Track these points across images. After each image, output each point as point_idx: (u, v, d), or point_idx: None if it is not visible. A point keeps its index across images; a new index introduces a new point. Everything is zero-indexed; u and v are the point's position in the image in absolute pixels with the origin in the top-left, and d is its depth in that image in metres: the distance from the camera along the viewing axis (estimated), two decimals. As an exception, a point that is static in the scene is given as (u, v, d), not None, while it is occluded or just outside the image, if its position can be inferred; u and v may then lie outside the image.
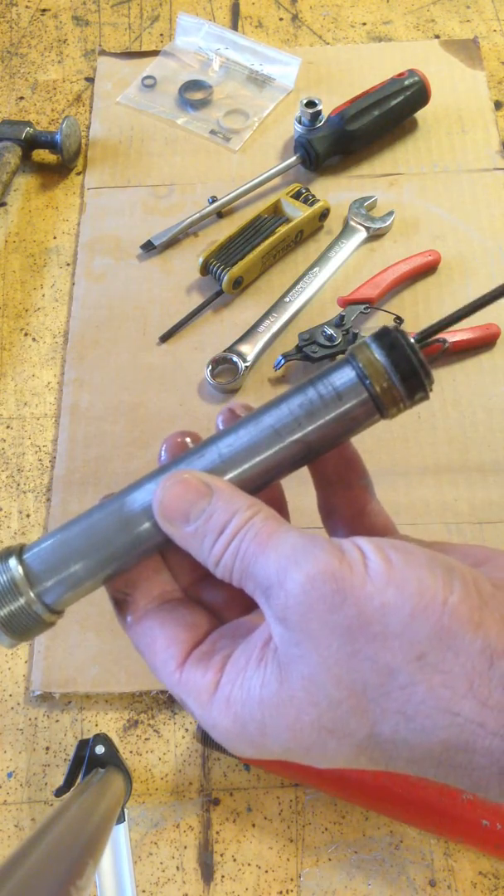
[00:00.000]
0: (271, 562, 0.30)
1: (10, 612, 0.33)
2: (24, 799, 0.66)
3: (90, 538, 0.34)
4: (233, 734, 0.32)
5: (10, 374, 0.85)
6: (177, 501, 0.33)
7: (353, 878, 0.62)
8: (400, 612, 0.28)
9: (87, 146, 1.00)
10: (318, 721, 0.30)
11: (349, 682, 0.29)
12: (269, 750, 0.31)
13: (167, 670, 0.34)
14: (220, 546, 0.32)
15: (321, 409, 0.33)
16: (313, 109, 0.93)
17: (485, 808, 0.59)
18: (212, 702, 0.32)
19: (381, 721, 0.29)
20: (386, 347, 0.33)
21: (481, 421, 0.79)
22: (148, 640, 0.35)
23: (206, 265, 0.87)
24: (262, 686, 0.31)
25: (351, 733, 0.30)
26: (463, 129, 0.98)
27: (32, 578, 0.33)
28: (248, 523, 0.32)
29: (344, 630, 0.29)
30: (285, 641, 0.30)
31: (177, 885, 0.63)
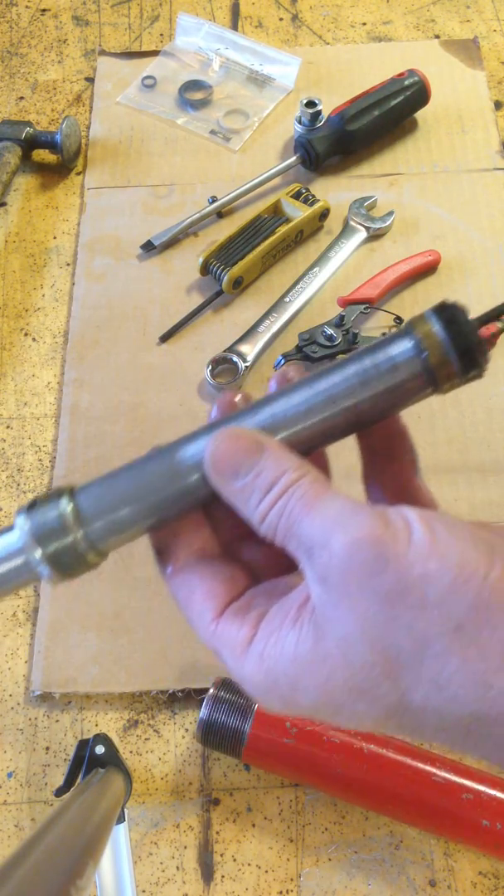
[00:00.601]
0: (317, 523, 0.31)
1: (58, 548, 0.34)
2: (24, 799, 0.66)
3: (139, 485, 0.35)
4: (263, 688, 0.32)
5: (10, 374, 0.85)
6: (228, 456, 0.33)
7: (353, 878, 0.62)
8: (440, 582, 0.29)
9: (87, 146, 1.00)
10: (351, 681, 0.30)
11: (384, 646, 0.29)
12: (299, 706, 0.32)
13: (203, 622, 0.35)
14: (267, 503, 0.32)
15: (376, 379, 0.34)
16: (313, 109, 0.93)
17: (485, 808, 0.59)
18: (245, 656, 0.33)
19: (413, 688, 0.29)
20: (446, 322, 0.33)
21: (481, 421, 0.79)
22: (186, 591, 0.36)
23: (206, 265, 0.87)
24: (296, 644, 0.31)
25: (382, 697, 0.30)
26: (463, 129, 0.98)
27: (82, 518, 0.34)
28: (297, 483, 0.32)
29: (383, 595, 0.29)
30: (324, 602, 0.30)
31: (177, 885, 0.63)
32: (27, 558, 0.34)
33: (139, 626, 0.71)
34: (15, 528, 0.34)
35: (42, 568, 0.34)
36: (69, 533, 0.34)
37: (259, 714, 0.61)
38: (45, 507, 0.34)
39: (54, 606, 0.72)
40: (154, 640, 0.70)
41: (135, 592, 0.72)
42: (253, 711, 0.62)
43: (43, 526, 0.34)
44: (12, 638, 0.72)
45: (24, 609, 0.73)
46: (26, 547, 0.34)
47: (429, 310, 0.34)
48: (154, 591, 0.72)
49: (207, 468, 0.34)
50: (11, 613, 0.73)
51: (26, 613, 0.73)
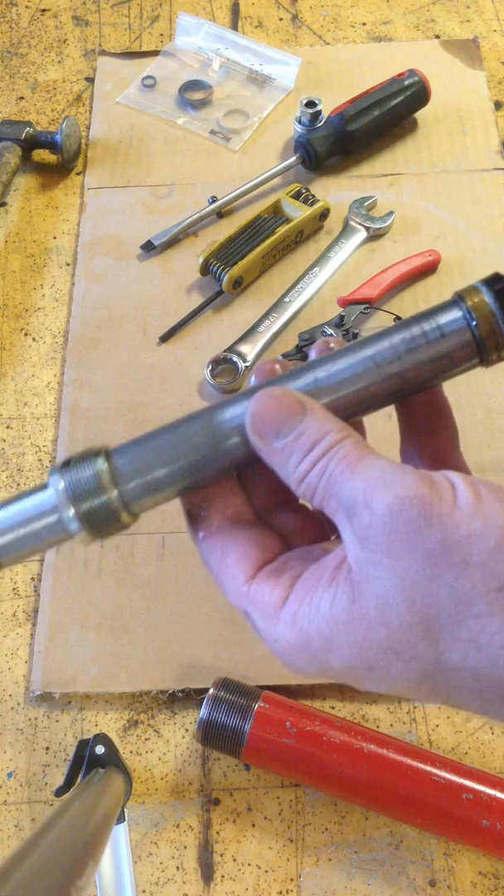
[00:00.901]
0: (359, 482, 0.31)
1: (92, 506, 0.34)
2: (24, 799, 0.66)
3: (177, 445, 0.35)
4: (295, 649, 0.32)
5: (10, 374, 0.85)
6: (269, 415, 0.33)
7: (353, 878, 0.62)
8: (485, 542, 0.29)
9: (87, 146, 1.00)
10: (387, 641, 0.30)
11: (423, 605, 0.29)
12: (331, 667, 0.32)
13: (236, 583, 0.34)
14: (307, 464, 0.32)
15: (423, 346, 0.34)
16: (313, 109, 0.93)
17: (485, 808, 0.59)
18: (278, 616, 0.32)
19: (451, 648, 0.29)
20: (497, 293, 0.33)
21: (481, 421, 0.79)
22: (219, 554, 0.35)
23: (206, 265, 0.87)
24: (332, 604, 0.31)
25: (418, 657, 0.30)
26: (463, 129, 0.98)
27: (117, 477, 0.34)
28: (339, 444, 0.32)
29: (425, 554, 0.29)
30: (363, 561, 0.30)
31: (177, 885, 0.63)
32: (61, 516, 0.34)
33: (139, 626, 0.71)
34: (49, 486, 0.34)
35: (74, 526, 0.34)
36: (104, 492, 0.34)
37: (259, 714, 0.62)
38: (80, 465, 0.34)
39: (54, 606, 0.72)
40: (154, 640, 0.70)
41: (135, 592, 0.72)
42: (253, 711, 0.62)
43: (78, 484, 0.34)
44: (12, 638, 0.72)
45: (24, 609, 0.73)
46: (60, 504, 0.34)
47: (479, 281, 0.34)
48: (154, 591, 0.72)
49: (248, 427, 0.33)
50: (11, 613, 0.73)
51: (26, 613, 0.73)
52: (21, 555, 0.35)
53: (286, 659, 0.33)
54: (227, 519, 0.36)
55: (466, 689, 0.30)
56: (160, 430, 0.35)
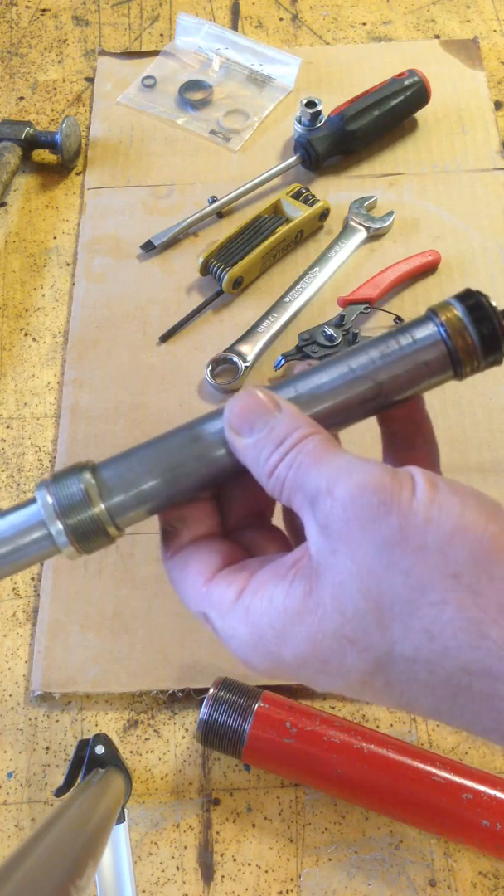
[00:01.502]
0: (324, 472, 0.31)
1: (80, 520, 0.34)
2: (24, 799, 0.66)
3: (162, 458, 0.35)
4: (249, 643, 0.32)
5: (10, 374, 0.85)
6: (245, 411, 0.34)
7: (353, 878, 0.62)
8: (441, 528, 0.29)
9: (87, 146, 1.00)
10: (341, 630, 0.30)
11: (378, 594, 0.29)
12: (284, 662, 0.31)
13: (195, 587, 0.35)
14: (277, 457, 0.33)
15: (398, 358, 0.35)
16: (313, 109, 0.93)
17: (485, 808, 0.59)
18: (232, 610, 0.33)
19: (404, 639, 0.29)
20: (469, 307, 0.35)
21: (481, 421, 0.79)
22: (181, 566, 0.36)
23: (206, 265, 0.87)
24: (286, 596, 0.31)
25: (372, 647, 0.30)
26: (463, 129, 0.98)
27: (104, 490, 0.35)
28: (308, 438, 0.33)
29: (383, 541, 0.29)
30: (321, 549, 0.30)
31: (177, 885, 0.63)
32: (48, 531, 0.34)
33: (139, 626, 0.71)
34: (36, 500, 0.34)
35: (62, 540, 0.34)
36: (92, 505, 0.34)
37: (259, 714, 0.62)
38: (68, 479, 0.35)
39: (54, 606, 0.72)
40: (154, 640, 0.70)
41: (135, 592, 0.72)
42: (253, 711, 0.62)
43: (66, 498, 0.34)
44: (12, 638, 0.72)
45: (24, 609, 0.73)
46: (48, 519, 0.34)
47: (452, 297, 0.36)
48: (154, 591, 0.72)
49: (225, 424, 0.34)
50: (11, 613, 0.73)
51: (26, 613, 0.73)
52: (8, 570, 0.35)
53: (241, 655, 0.33)
54: (198, 538, 0.37)
55: (419, 684, 0.30)
56: (145, 444, 0.36)
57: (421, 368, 0.35)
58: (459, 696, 0.29)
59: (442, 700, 0.30)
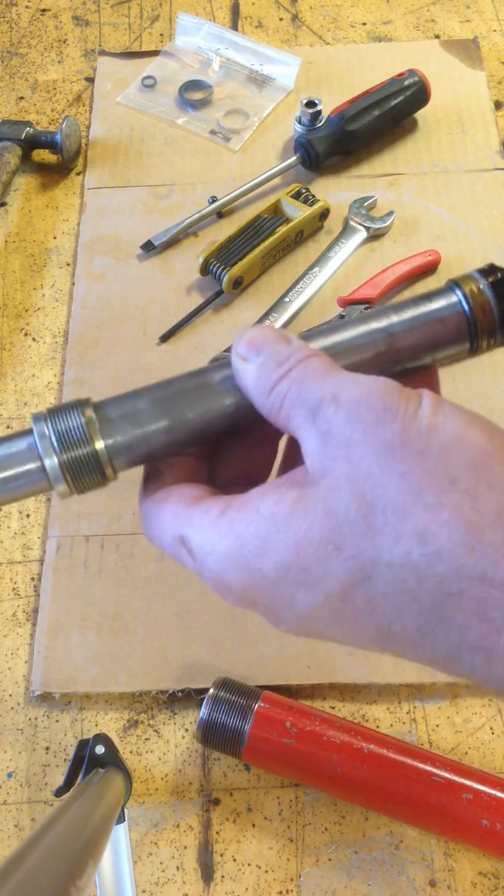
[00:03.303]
0: (330, 382, 0.31)
1: (77, 456, 0.32)
2: (24, 799, 0.66)
3: (169, 401, 0.34)
4: (228, 556, 0.31)
5: (10, 374, 0.85)
6: (255, 338, 0.33)
7: (353, 878, 0.62)
8: (443, 435, 0.29)
9: (87, 146, 1.00)
10: (329, 535, 0.29)
11: (372, 496, 0.29)
12: (263, 575, 0.30)
13: (175, 512, 0.33)
14: (280, 372, 0.32)
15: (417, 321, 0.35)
16: (313, 109, 0.93)
17: (485, 808, 0.59)
18: (215, 524, 0.31)
19: (395, 544, 0.28)
20: (494, 283, 0.35)
21: (481, 421, 0.79)
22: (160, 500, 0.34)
23: (206, 265, 0.87)
24: (275, 503, 0.30)
25: (359, 553, 0.29)
26: (463, 129, 0.98)
27: (106, 428, 0.33)
28: (313, 357, 0.32)
29: (384, 445, 0.29)
30: (319, 456, 0.30)
31: (177, 885, 0.63)
32: (42, 464, 0.32)
33: (139, 626, 0.71)
34: (32, 431, 0.33)
35: (56, 475, 0.32)
36: (90, 442, 0.33)
37: (259, 714, 0.62)
38: (68, 412, 0.33)
39: (54, 606, 0.72)
40: (154, 640, 0.70)
41: (135, 592, 0.72)
42: (253, 711, 0.62)
43: (64, 432, 0.32)
44: (12, 638, 0.72)
45: (24, 609, 0.73)
46: (43, 451, 0.32)
47: (475, 270, 0.35)
48: (154, 591, 0.72)
49: (234, 352, 0.34)
50: (11, 613, 0.73)
51: (26, 613, 0.73)
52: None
53: (217, 575, 0.31)
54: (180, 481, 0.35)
55: (405, 595, 0.28)
56: (151, 386, 0.35)
57: (438, 336, 0.34)
58: (447, 608, 0.28)
59: (428, 615, 0.28)
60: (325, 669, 0.68)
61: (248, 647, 0.69)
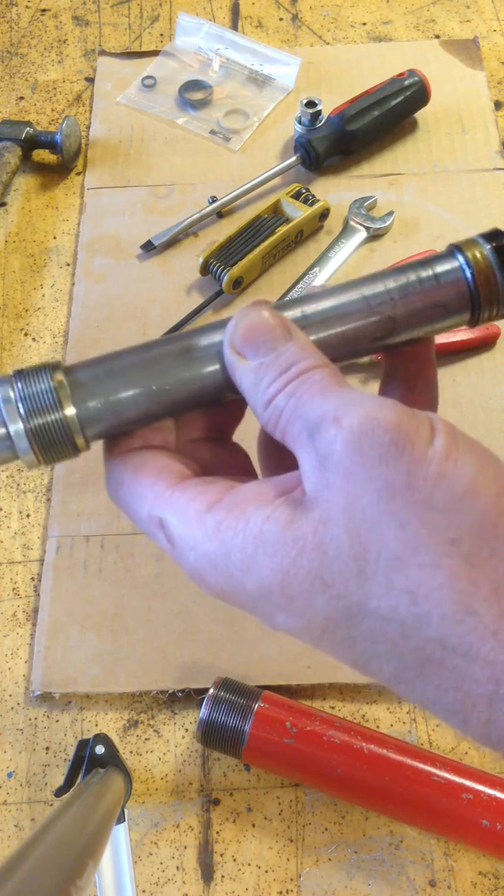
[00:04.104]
0: (331, 401, 0.28)
1: (45, 423, 0.30)
2: (24, 799, 0.66)
3: (147, 366, 0.31)
4: (210, 560, 0.29)
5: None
6: (252, 331, 0.31)
7: (353, 878, 0.62)
8: (452, 488, 0.27)
9: (87, 146, 1.00)
10: (317, 571, 0.27)
11: (367, 541, 0.27)
12: (244, 589, 0.29)
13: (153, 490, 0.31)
14: (279, 384, 0.30)
15: (417, 291, 0.33)
16: (313, 109, 0.93)
17: (485, 808, 0.59)
18: (200, 520, 0.29)
19: (383, 595, 0.27)
20: (497, 249, 0.33)
21: (481, 421, 0.79)
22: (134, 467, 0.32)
23: (206, 265, 0.87)
24: (265, 520, 0.28)
25: (346, 595, 0.27)
26: (463, 129, 0.98)
27: (77, 393, 0.31)
28: (316, 369, 0.30)
29: (386, 485, 0.27)
30: (315, 481, 0.28)
31: (177, 885, 0.63)
32: (7, 430, 0.30)
33: (139, 626, 0.71)
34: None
35: (23, 445, 0.30)
36: (61, 408, 0.30)
37: (259, 714, 0.62)
38: (35, 376, 0.31)
39: (54, 606, 0.72)
40: (154, 640, 0.70)
41: (135, 592, 0.72)
42: (253, 711, 0.62)
43: (31, 397, 0.30)
44: (12, 638, 0.72)
45: (24, 609, 0.73)
46: (8, 417, 0.30)
47: (479, 234, 0.33)
48: (154, 591, 0.72)
49: (226, 340, 0.31)
50: (11, 613, 0.73)
51: (26, 613, 0.73)
52: None
53: (197, 571, 0.30)
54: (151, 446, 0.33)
55: (387, 646, 0.27)
56: (129, 350, 0.32)
57: (438, 308, 0.33)
58: (427, 669, 0.27)
59: (407, 669, 0.27)
60: (325, 669, 0.68)
61: (248, 647, 0.69)
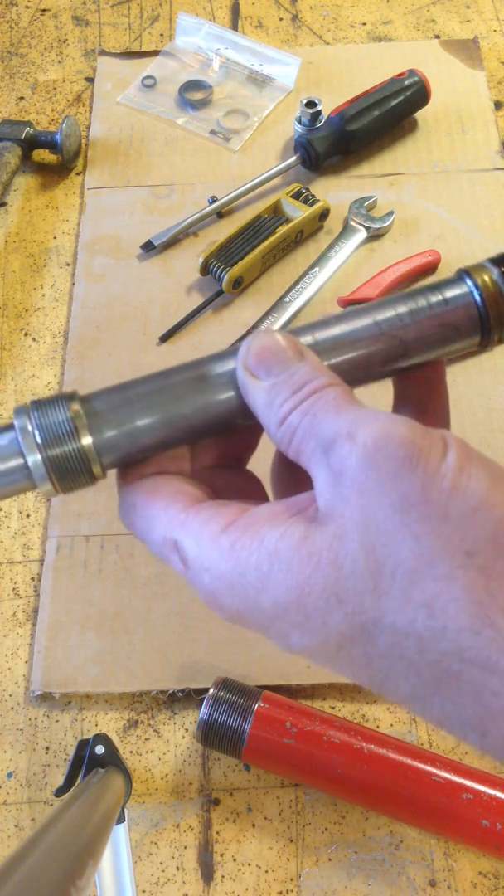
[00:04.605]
0: (345, 419, 0.28)
1: (62, 454, 0.30)
2: (24, 799, 0.66)
3: (162, 394, 0.32)
4: (226, 581, 0.29)
5: (10, 374, 0.85)
6: (266, 352, 0.31)
7: (353, 878, 0.62)
8: (466, 501, 0.27)
9: (87, 146, 1.00)
10: (333, 587, 0.27)
11: (382, 556, 0.27)
12: (260, 608, 0.29)
13: (168, 512, 0.31)
14: (292, 403, 0.30)
15: (427, 312, 0.33)
16: (313, 109, 0.93)
17: (485, 808, 0.59)
18: (215, 542, 0.30)
19: (400, 609, 0.27)
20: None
21: (481, 421, 0.79)
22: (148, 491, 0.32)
23: (206, 265, 0.87)
24: (279, 538, 0.28)
25: (362, 611, 0.27)
26: (463, 129, 0.98)
27: (94, 423, 0.31)
28: (330, 387, 0.30)
29: (401, 499, 0.27)
30: (330, 497, 0.28)
31: (177, 885, 0.63)
32: (25, 461, 0.30)
33: (139, 626, 0.71)
34: (14, 426, 0.31)
35: (40, 474, 0.30)
36: (77, 438, 0.30)
37: (259, 714, 0.61)
38: (52, 406, 0.31)
39: (54, 606, 0.72)
40: (154, 640, 0.70)
41: (135, 592, 0.72)
42: (253, 711, 0.62)
43: (49, 427, 0.30)
44: (12, 638, 0.72)
45: (24, 609, 0.73)
46: (26, 448, 0.30)
47: (487, 259, 0.34)
48: (154, 591, 0.72)
49: (239, 361, 0.31)
50: (11, 613, 0.73)
51: (26, 613, 0.73)
52: None
53: (211, 591, 0.30)
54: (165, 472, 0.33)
55: (404, 662, 0.27)
56: (144, 379, 0.33)
57: (448, 329, 0.33)
58: (445, 683, 0.27)
59: (424, 684, 0.27)
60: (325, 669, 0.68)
61: (248, 647, 0.69)
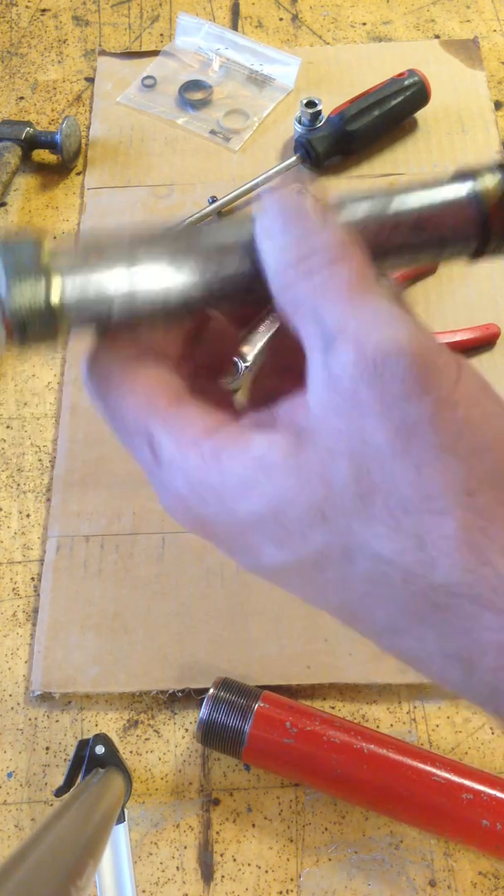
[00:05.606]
0: (355, 309, 0.25)
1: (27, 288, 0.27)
2: (24, 799, 0.66)
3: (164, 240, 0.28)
4: (202, 485, 0.26)
5: (10, 374, 0.85)
6: (287, 208, 0.27)
7: (353, 878, 0.62)
8: (477, 437, 0.24)
9: (87, 146, 1.00)
10: (319, 504, 0.25)
11: (377, 481, 0.24)
12: (234, 516, 0.26)
13: (150, 402, 0.28)
14: (301, 270, 0.26)
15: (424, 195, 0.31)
16: (313, 109, 0.93)
17: (485, 808, 0.59)
18: (197, 443, 0.27)
19: (388, 537, 0.25)
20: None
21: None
22: (133, 367, 0.29)
23: (206, 265, 0.87)
24: (268, 448, 0.26)
25: (347, 532, 0.25)
26: (463, 129, 0.98)
27: (68, 261, 0.27)
28: (349, 261, 0.26)
29: (405, 424, 0.24)
30: (325, 406, 0.25)
31: (177, 885, 0.63)
32: None
33: (139, 626, 0.71)
34: None
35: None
36: (43, 273, 0.27)
37: (259, 714, 0.62)
38: (20, 245, 0.27)
39: (54, 606, 0.72)
40: (154, 640, 0.70)
41: (135, 592, 0.72)
42: (253, 711, 0.62)
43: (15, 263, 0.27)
44: (12, 638, 0.72)
45: (24, 609, 0.73)
46: None
47: (493, 162, 0.32)
48: (154, 591, 0.72)
49: (259, 208, 0.28)
50: (11, 613, 0.73)
51: (26, 613, 0.73)
52: None
53: (183, 495, 0.27)
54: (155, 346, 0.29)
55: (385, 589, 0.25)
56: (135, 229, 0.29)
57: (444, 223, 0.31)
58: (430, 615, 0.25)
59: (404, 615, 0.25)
60: (325, 669, 0.68)
61: (248, 647, 0.69)
